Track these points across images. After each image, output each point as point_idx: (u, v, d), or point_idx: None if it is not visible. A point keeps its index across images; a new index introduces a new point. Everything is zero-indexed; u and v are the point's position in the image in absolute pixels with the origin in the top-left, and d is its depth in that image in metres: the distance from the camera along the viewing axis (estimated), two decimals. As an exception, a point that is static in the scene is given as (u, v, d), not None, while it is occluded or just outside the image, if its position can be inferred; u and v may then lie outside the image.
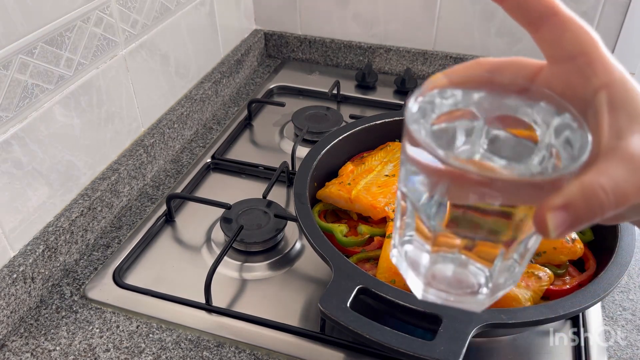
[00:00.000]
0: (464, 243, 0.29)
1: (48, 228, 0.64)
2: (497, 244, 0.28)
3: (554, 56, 0.29)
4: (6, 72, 0.56)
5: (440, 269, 0.30)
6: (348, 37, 1.08)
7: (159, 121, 0.84)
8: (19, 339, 0.58)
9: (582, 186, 0.24)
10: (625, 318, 0.61)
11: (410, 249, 0.31)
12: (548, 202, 0.24)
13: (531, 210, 0.26)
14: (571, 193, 0.24)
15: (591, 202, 0.24)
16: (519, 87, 0.29)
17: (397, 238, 0.32)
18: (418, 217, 0.29)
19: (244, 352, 0.57)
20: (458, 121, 0.29)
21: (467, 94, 0.29)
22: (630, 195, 0.24)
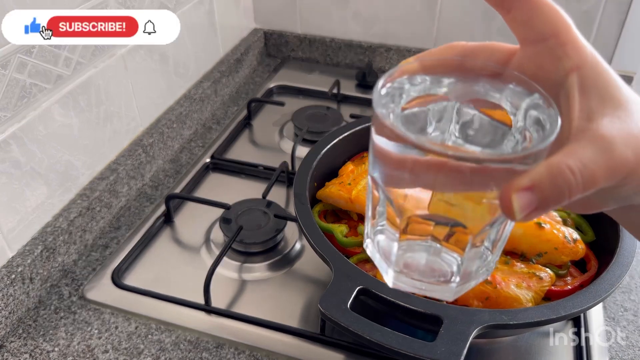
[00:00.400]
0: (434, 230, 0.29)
1: (46, 228, 0.64)
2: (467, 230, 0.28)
3: (525, 38, 0.28)
4: (4, 72, 0.55)
5: (412, 258, 0.30)
6: (348, 36, 1.08)
7: (157, 121, 0.83)
8: (18, 340, 0.58)
9: (549, 167, 0.24)
10: (627, 319, 0.60)
11: (382, 238, 0.31)
12: (514, 182, 0.24)
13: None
14: (538, 174, 0.24)
15: (558, 183, 0.24)
16: (491, 71, 0.29)
17: (369, 228, 0.31)
18: (389, 205, 0.29)
19: (243, 353, 0.57)
20: (429, 105, 0.29)
21: (438, 79, 0.29)
22: (599, 177, 0.24)
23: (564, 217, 0.59)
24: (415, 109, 0.29)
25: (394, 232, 0.29)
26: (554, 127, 0.25)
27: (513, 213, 0.24)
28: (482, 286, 0.50)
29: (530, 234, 0.55)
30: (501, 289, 0.50)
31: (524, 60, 0.29)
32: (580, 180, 0.24)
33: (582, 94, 0.26)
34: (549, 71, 0.28)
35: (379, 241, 0.31)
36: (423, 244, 0.30)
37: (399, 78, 0.29)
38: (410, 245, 0.30)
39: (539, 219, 0.55)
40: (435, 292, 0.30)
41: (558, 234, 0.55)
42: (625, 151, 0.24)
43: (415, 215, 0.28)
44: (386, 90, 0.28)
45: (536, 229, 0.55)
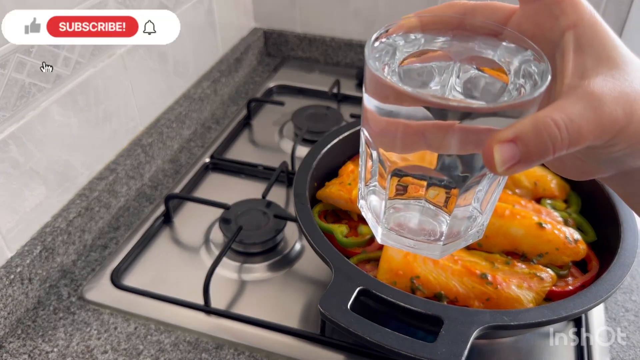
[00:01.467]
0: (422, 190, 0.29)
1: (45, 228, 0.63)
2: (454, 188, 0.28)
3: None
4: (3, 71, 0.55)
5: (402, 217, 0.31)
6: (348, 35, 1.08)
7: (157, 120, 0.83)
8: (17, 341, 0.58)
9: (534, 120, 0.23)
10: (628, 319, 0.60)
11: (374, 198, 0.31)
12: (497, 134, 0.24)
13: None
14: (522, 126, 0.23)
15: (542, 137, 0.23)
16: (490, 30, 0.29)
17: (362, 188, 0.32)
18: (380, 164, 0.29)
19: (243, 354, 0.57)
20: (427, 62, 0.29)
21: (437, 35, 0.29)
22: (586, 133, 0.24)
23: (565, 217, 0.59)
24: (416, 64, 0.29)
25: (384, 192, 0.30)
26: (544, 81, 0.25)
27: (494, 165, 0.24)
28: (482, 287, 0.50)
29: (531, 234, 0.55)
30: (502, 290, 0.50)
31: (523, 19, 0.29)
32: (565, 135, 0.23)
33: (577, 52, 0.26)
34: (547, 30, 0.27)
35: (371, 201, 0.31)
36: (412, 203, 0.30)
37: (394, 34, 0.29)
38: (399, 204, 0.30)
39: (540, 219, 0.55)
40: (424, 250, 0.31)
41: (559, 234, 0.55)
42: (615, 109, 0.24)
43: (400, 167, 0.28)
44: (380, 44, 0.28)
45: (537, 230, 0.55)
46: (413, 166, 0.28)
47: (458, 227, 0.30)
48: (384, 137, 0.28)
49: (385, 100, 0.26)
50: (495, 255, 0.55)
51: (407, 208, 0.30)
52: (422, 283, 0.51)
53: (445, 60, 0.29)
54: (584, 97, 0.24)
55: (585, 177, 0.29)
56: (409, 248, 0.31)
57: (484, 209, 0.30)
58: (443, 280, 0.51)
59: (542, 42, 0.27)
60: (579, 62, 0.25)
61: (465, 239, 0.31)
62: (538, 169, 0.64)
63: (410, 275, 0.51)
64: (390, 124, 0.27)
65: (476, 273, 0.51)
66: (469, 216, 0.30)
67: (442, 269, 0.51)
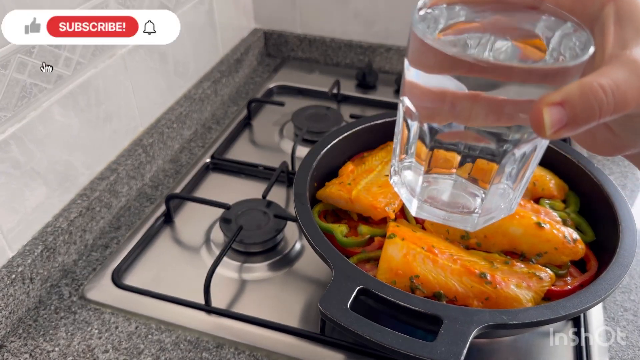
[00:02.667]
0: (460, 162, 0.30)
1: (47, 228, 0.64)
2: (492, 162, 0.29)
3: None
4: (5, 72, 0.55)
5: (437, 191, 0.32)
6: (348, 36, 1.08)
7: (157, 121, 0.83)
8: (18, 340, 0.58)
9: (581, 84, 0.24)
10: (627, 319, 0.60)
11: (408, 173, 0.32)
12: (546, 97, 0.24)
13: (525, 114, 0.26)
14: (569, 89, 0.24)
15: (589, 100, 0.24)
16: (528, 4, 0.29)
17: (396, 164, 0.33)
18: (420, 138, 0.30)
19: (243, 353, 0.57)
20: (464, 34, 0.30)
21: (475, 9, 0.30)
22: (630, 98, 0.24)
23: (564, 217, 0.59)
24: (450, 36, 0.30)
25: (420, 167, 0.31)
26: (588, 48, 0.26)
27: (543, 128, 0.24)
28: (482, 286, 0.50)
29: (530, 233, 0.55)
30: (501, 289, 0.50)
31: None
32: (611, 100, 0.24)
33: (617, 25, 0.27)
34: (585, 4, 0.28)
35: (406, 176, 0.33)
36: (447, 177, 0.31)
37: (437, 5, 0.30)
38: (435, 179, 0.31)
39: (539, 219, 0.55)
40: (457, 222, 0.32)
41: (558, 234, 0.55)
42: None
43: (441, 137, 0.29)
44: (424, 13, 0.29)
45: (536, 229, 0.55)
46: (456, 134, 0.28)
47: (490, 202, 0.31)
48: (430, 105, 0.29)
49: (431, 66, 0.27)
50: (494, 255, 0.55)
51: (441, 182, 0.31)
52: (422, 282, 0.51)
53: (479, 32, 0.30)
54: (628, 64, 0.25)
55: (617, 153, 0.29)
56: (443, 220, 0.32)
57: (516, 187, 0.31)
58: (442, 280, 0.51)
59: (580, 16, 0.28)
60: (619, 34, 0.26)
61: (498, 215, 0.32)
62: (537, 168, 0.64)
63: (410, 274, 0.51)
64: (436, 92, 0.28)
65: (475, 272, 0.51)
66: (502, 192, 0.31)
67: (442, 268, 0.52)
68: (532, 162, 0.30)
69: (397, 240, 0.53)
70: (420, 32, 0.27)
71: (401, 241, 0.53)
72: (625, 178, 0.81)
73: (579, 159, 0.63)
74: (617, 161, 0.84)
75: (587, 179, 0.61)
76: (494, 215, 0.32)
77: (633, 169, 0.82)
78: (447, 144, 0.29)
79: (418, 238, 0.54)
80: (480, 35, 0.29)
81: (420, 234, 0.56)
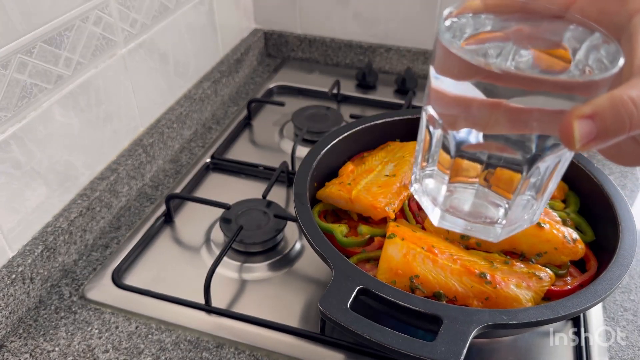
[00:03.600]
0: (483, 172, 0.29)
1: (47, 228, 0.64)
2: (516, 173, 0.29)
3: None
4: (5, 72, 0.55)
5: (459, 200, 0.31)
6: (348, 37, 1.08)
7: (158, 121, 0.83)
8: (18, 340, 0.58)
9: (611, 97, 0.24)
10: (627, 319, 0.60)
11: (430, 182, 0.32)
12: (576, 110, 0.24)
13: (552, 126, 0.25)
14: (599, 102, 0.24)
15: (619, 113, 0.23)
16: (553, 14, 0.29)
17: (417, 172, 0.33)
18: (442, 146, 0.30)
19: (243, 353, 0.57)
20: (488, 43, 0.30)
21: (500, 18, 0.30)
22: None
23: (564, 217, 0.59)
24: (473, 46, 0.30)
25: (443, 176, 0.31)
26: (617, 60, 0.25)
27: (573, 140, 0.24)
28: (481, 286, 0.50)
29: (529, 233, 0.55)
30: (501, 289, 0.50)
31: (587, 5, 0.29)
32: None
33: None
34: (612, 14, 0.28)
35: (427, 184, 0.32)
36: (471, 187, 0.30)
37: (463, 14, 0.30)
38: (458, 188, 0.31)
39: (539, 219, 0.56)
40: (480, 233, 0.32)
41: (558, 234, 0.55)
42: None
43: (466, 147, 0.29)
44: (450, 22, 0.29)
45: (536, 229, 0.55)
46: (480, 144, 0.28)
47: (514, 213, 0.31)
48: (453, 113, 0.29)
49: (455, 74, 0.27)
50: (494, 255, 0.55)
51: (464, 191, 0.31)
52: (422, 282, 0.51)
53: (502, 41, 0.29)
54: None
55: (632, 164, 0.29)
56: (465, 230, 0.32)
57: (540, 198, 0.31)
58: (442, 280, 0.51)
59: (606, 26, 0.28)
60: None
61: (521, 225, 0.31)
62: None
63: (410, 274, 0.52)
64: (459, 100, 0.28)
65: (475, 272, 0.51)
66: (526, 203, 0.30)
67: (441, 268, 0.52)
68: (557, 173, 0.30)
69: (397, 240, 0.53)
70: (446, 41, 0.27)
71: (401, 241, 0.53)
72: (625, 178, 0.81)
73: (579, 159, 0.63)
74: (617, 161, 0.84)
75: (587, 179, 0.61)
76: (517, 226, 0.32)
77: (633, 169, 0.82)
78: (470, 153, 0.29)
79: (418, 238, 0.54)
80: (502, 45, 0.29)
81: (420, 233, 0.56)
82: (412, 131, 0.71)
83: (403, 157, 0.66)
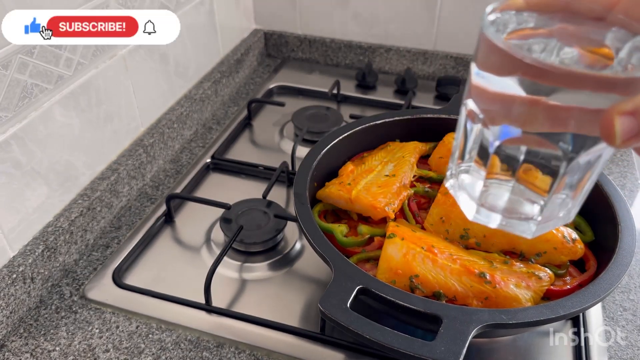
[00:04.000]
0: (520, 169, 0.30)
1: (47, 228, 0.64)
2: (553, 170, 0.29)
3: None
4: (5, 72, 0.55)
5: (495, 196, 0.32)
6: (348, 37, 1.08)
7: (158, 121, 0.83)
8: (19, 339, 0.58)
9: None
10: (626, 318, 0.61)
11: (466, 177, 0.33)
12: (617, 106, 0.24)
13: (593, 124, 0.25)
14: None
15: None
16: (596, 14, 0.29)
17: (454, 167, 0.34)
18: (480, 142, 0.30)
19: (243, 353, 0.57)
20: (532, 39, 0.30)
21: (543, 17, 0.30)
22: None
23: (563, 217, 0.60)
24: (516, 40, 0.30)
25: (480, 171, 0.31)
26: None
27: (614, 136, 0.24)
28: (481, 286, 0.50)
29: (529, 233, 0.55)
30: (500, 289, 0.50)
31: (630, 5, 0.29)
32: None
33: None
34: None
35: (463, 179, 0.33)
36: (507, 184, 0.31)
37: (505, 10, 0.30)
38: (494, 184, 0.31)
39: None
40: (515, 228, 0.32)
41: (557, 233, 0.55)
42: None
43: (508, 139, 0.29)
44: (494, 17, 0.30)
45: (535, 229, 0.55)
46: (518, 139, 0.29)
47: (550, 210, 0.31)
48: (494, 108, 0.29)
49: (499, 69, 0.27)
50: (494, 255, 0.55)
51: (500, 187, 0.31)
52: (421, 282, 0.51)
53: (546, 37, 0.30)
54: None
55: None
56: (500, 225, 0.32)
57: (576, 196, 0.31)
58: (442, 279, 0.51)
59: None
60: None
61: (555, 222, 0.32)
62: (536, 169, 0.64)
63: (409, 274, 0.52)
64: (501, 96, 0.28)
65: (475, 272, 0.51)
66: (561, 201, 0.31)
67: (441, 268, 0.52)
68: (594, 172, 0.30)
69: (397, 240, 0.53)
70: (491, 34, 0.27)
71: (401, 241, 0.53)
72: (624, 178, 0.81)
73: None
74: (616, 161, 0.84)
75: (587, 179, 0.61)
76: (552, 223, 0.32)
77: (632, 169, 0.83)
78: (508, 149, 0.30)
79: (418, 238, 0.54)
80: (546, 41, 0.30)
81: (420, 233, 0.56)
82: (411, 131, 0.71)
83: (403, 157, 0.66)
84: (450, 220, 0.58)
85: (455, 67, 1.04)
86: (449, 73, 1.05)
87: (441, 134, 0.69)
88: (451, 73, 1.05)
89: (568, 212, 0.32)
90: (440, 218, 0.59)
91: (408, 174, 0.64)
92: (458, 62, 1.03)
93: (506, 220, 0.32)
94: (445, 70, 1.05)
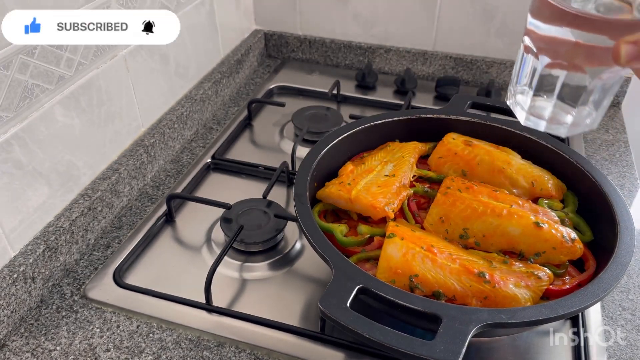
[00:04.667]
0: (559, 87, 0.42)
1: (48, 228, 0.64)
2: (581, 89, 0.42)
3: None
4: (7, 72, 0.56)
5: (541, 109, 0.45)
6: (348, 37, 1.08)
7: (159, 121, 0.84)
8: (20, 339, 0.58)
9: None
10: (625, 318, 0.61)
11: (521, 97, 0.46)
12: (624, 38, 0.35)
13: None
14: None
15: None
16: None
17: (512, 89, 0.47)
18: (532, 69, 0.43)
19: (244, 352, 0.57)
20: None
21: None
22: None
23: (562, 217, 0.60)
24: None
25: (529, 91, 0.44)
26: None
27: (620, 57, 0.35)
28: (480, 285, 0.51)
29: (528, 233, 0.55)
30: (499, 288, 0.50)
31: None
32: None
33: None
34: None
35: (519, 98, 0.46)
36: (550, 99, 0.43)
37: None
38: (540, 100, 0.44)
39: (537, 219, 0.56)
40: (553, 130, 0.46)
41: (556, 233, 0.55)
42: None
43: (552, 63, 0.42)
44: None
45: (534, 229, 0.55)
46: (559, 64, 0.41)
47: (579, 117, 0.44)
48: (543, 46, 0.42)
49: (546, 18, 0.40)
50: (493, 255, 0.55)
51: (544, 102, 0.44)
52: (421, 281, 0.51)
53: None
54: None
55: None
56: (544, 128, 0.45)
57: (599, 109, 0.44)
58: (441, 279, 0.51)
59: None
60: None
61: (583, 128, 0.45)
62: (536, 169, 0.64)
63: (409, 273, 0.52)
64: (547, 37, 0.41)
65: (474, 272, 0.51)
66: (587, 112, 0.44)
67: (440, 267, 0.52)
68: (610, 91, 0.43)
69: (397, 240, 0.54)
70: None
71: (400, 241, 0.53)
72: (623, 178, 0.81)
73: (577, 159, 0.63)
74: (616, 161, 0.84)
75: (586, 179, 0.61)
76: (581, 127, 0.45)
77: (631, 169, 0.83)
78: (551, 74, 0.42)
79: (417, 237, 0.54)
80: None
81: (420, 233, 0.56)
82: (411, 131, 0.71)
83: (402, 157, 0.67)
84: (449, 220, 0.58)
85: (455, 68, 1.04)
86: (448, 73, 1.05)
87: (441, 134, 0.69)
88: (450, 73, 1.05)
89: (593, 121, 0.44)
90: (439, 218, 0.59)
91: (408, 174, 0.64)
92: (457, 62, 1.03)
93: (548, 125, 0.45)
94: (444, 71, 1.05)
